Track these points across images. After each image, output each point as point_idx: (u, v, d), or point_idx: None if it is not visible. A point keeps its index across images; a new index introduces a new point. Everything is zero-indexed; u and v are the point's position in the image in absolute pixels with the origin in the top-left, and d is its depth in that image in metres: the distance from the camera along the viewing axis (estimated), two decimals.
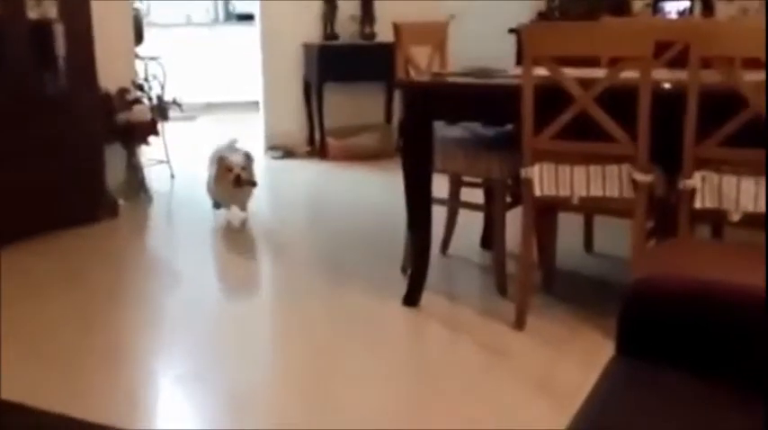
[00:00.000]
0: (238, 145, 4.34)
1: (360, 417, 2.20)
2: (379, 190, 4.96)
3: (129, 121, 4.43)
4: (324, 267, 3.52)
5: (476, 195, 3.47)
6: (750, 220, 2.35)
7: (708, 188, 2.36)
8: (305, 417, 2.23)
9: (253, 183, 4.08)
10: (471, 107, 2.86)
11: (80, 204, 4.06)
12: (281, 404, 2.33)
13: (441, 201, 3.27)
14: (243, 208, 4.19)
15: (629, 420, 1.18)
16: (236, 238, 4.11)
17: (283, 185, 5.35)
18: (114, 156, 4.46)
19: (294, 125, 6.16)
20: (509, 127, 3.16)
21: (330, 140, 5.92)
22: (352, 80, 5.90)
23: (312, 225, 4.47)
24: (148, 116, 4.53)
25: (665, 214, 2.64)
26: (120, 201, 4.41)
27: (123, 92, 4.50)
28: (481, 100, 2.81)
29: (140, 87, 4.74)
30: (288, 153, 6.02)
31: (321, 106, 5.91)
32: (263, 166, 5.83)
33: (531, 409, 2.24)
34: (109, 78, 4.33)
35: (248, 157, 4.13)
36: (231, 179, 3.99)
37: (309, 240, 4.11)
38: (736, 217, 2.34)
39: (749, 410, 1.18)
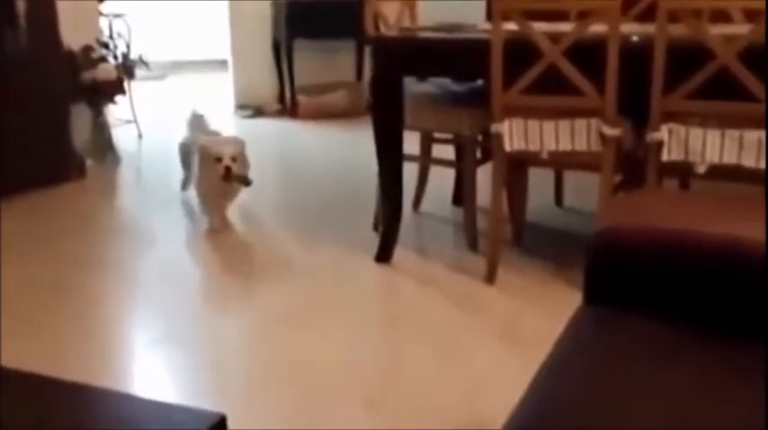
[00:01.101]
0: (204, 109, 4.19)
1: (335, 368, 2.23)
2: (350, 148, 4.94)
3: (94, 80, 4.35)
4: (296, 225, 3.52)
5: (447, 152, 3.48)
6: (716, 172, 2.39)
7: (674, 141, 2.39)
8: (281, 371, 2.25)
9: (246, 182, 3.31)
10: (441, 62, 2.85)
11: (47, 164, 4.00)
12: (257, 360, 2.35)
13: (412, 158, 3.27)
14: (225, 206, 3.44)
15: (596, 360, 1.21)
16: None
17: (254, 144, 5.28)
18: (80, 116, 4.39)
19: (264, 83, 6.09)
20: (479, 82, 3.16)
21: (301, 98, 5.87)
22: (322, 37, 5.83)
23: (284, 184, 4.46)
24: (114, 74, 4.46)
25: (634, 168, 2.67)
26: (88, 162, 4.35)
27: (87, 50, 4.41)
28: (451, 55, 2.80)
29: (105, 45, 4.65)
30: (258, 111, 5.96)
31: (291, 64, 5.84)
32: (232, 125, 5.77)
33: (502, 359, 2.29)
34: (72, 36, 4.23)
35: (239, 145, 3.34)
36: (220, 173, 3.20)
37: (281, 199, 4.09)
38: (701, 169, 2.38)
39: (712, 348, 1.21)
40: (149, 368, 2.36)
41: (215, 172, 3.22)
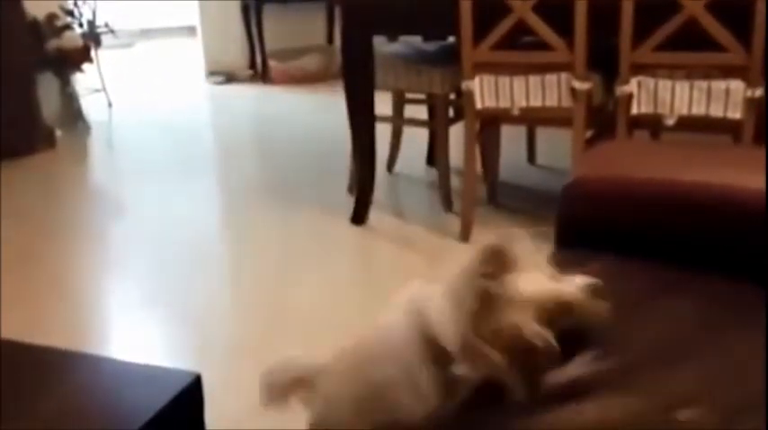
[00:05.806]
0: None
1: (311, 327, 2.25)
2: (323, 111, 4.91)
3: (60, 49, 4.27)
4: (271, 190, 3.51)
5: (420, 112, 3.47)
6: (685, 124, 2.41)
7: (644, 93, 2.40)
8: (257, 331, 2.26)
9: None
10: (411, 20, 2.83)
11: (14, 135, 3.93)
12: (234, 321, 2.36)
13: (385, 119, 3.26)
14: None
15: None
16: (180, 165, 4.05)
17: (227, 111, 5.26)
18: (48, 86, 4.32)
19: (234, 49, 6.00)
20: (450, 41, 3.14)
21: (272, 63, 5.81)
22: (291, 0, 5.75)
23: (258, 149, 4.43)
24: (80, 43, 4.37)
25: (604, 122, 2.68)
26: (58, 132, 4.29)
27: (52, 17, 4.32)
28: (421, 12, 2.77)
29: (70, 13, 4.55)
30: (230, 78, 5.89)
31: (261, 28, 5.77)
32: (204, 92, 5.72)
33: None
34: (36, 4, 4.14)
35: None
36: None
37: (256, 164, 4.07)
38: (670, 121, 2.39)
39: (682, 292, 1.23)
40: (126, 331, 2.36)
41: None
